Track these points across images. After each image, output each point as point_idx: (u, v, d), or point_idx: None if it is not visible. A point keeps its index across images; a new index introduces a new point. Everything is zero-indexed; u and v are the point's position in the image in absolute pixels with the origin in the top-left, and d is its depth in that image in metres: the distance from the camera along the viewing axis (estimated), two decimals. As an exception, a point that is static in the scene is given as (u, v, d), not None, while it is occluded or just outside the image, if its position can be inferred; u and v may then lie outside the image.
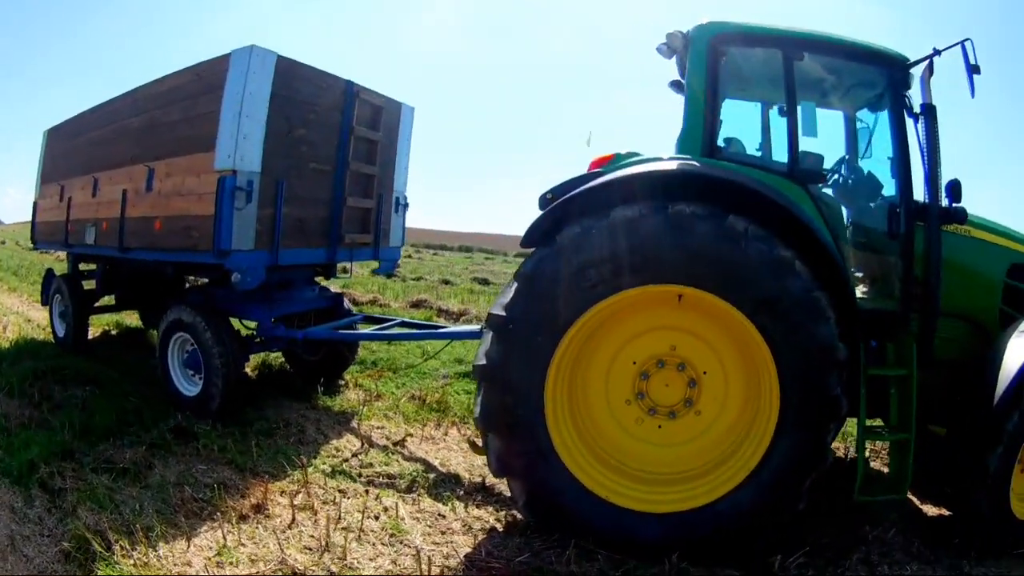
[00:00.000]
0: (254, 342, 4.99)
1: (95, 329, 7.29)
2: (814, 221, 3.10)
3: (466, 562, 3.03)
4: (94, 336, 7.21)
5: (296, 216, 4.67)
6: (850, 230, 3.79)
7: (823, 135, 3.93)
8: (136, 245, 5.01)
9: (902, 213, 3.32)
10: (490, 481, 3.95)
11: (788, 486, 2.99)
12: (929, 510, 3.67)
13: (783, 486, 2.99)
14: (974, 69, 3.03)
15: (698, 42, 3.41)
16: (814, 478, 2.99)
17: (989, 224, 3.54)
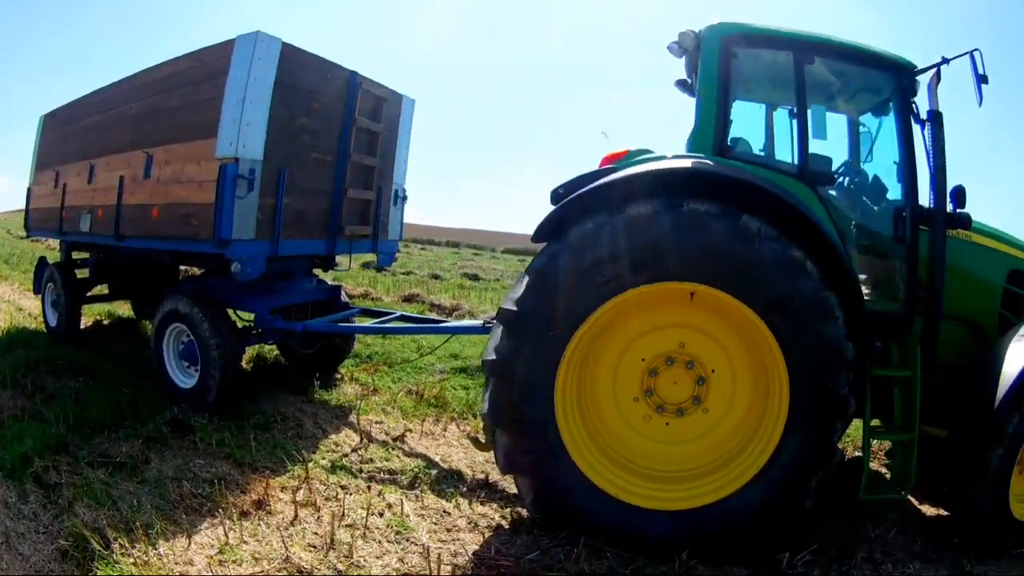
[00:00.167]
0: (251, 334, 4.89)
1: (87, 319, 7.13)
2: (824, 223, 3.12)
3: (475, 560, 3.00)
4: (86, 326, 7.06)
5: (297, 206, 4.58)
6: (854, 232, 3.83)
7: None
8: (132, 233, 4.89)
9: (908, 217, 3.36)
10: (493, 478, 3.93)
11: (796, 484, 3.00)
12: (928, 510, 3.72)
13: (791, 484, 3.01)
14: (982, 79, 3.08)
15: (710, 42, 3.40)
16: (821, 476, 3.01)
17: (990, 230, 3.60)
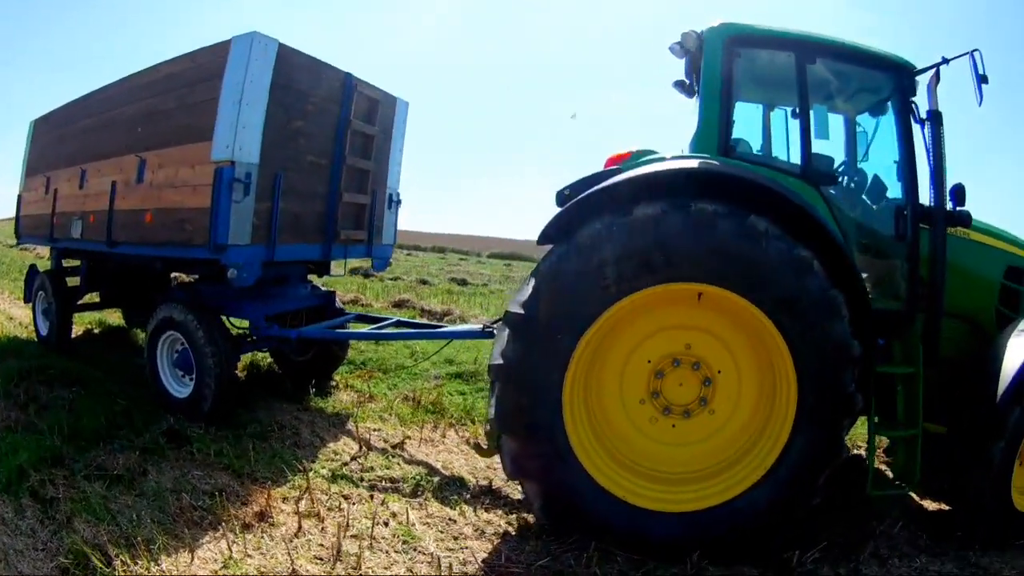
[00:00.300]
0: (246, 341, 4.79)
1: (77, 327, 6.97)
2: (829, 222, 3.14)
3: (485, 568, 2.96)
4: (77, 335, 6.91)
5: (293, 211, 4.50)
6: (855, 231, 3.86)
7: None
8: (125, 239, 4.76)
9: (908, 216, 3.40)
10: (496, 484, 3.89)
11: (804, 482, 3.01)
12: (929, 505, 3.76)
13: (800, 482, 3.02)
14: (982, 79, 3.14)
15: (713, 43, 3.42)
16: (829, 474, 3.02)
17: (987, 227, 3.66)
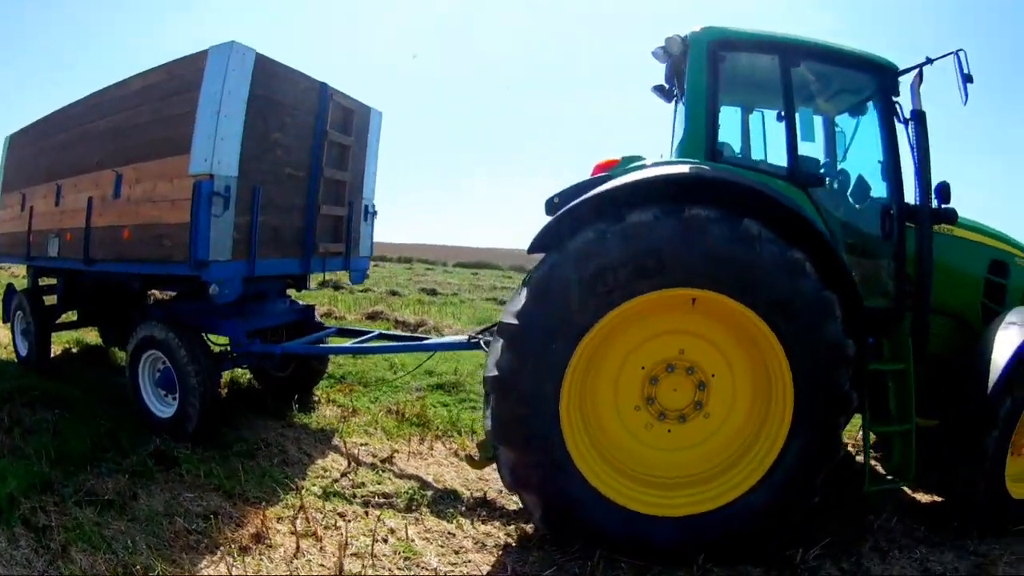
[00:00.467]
0: (228, 358, 4.66)
1: (56, 347, 6.75)
2: (819, 224, 3.17)
3: (491, 581, 2.91)
4: (56, 354, 6.70)
5: (272, 224, 4.39)
6: (841, 231, 3.91)
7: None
8: (102, 256, 4.59)
9: (895, 215, 3.46)
10: (491, 495, 3.85)
11: (803, 482, 3.03)
12: (922, 498, 3.82)
13: (798, 483, 3.04)
14: (967, 78, 3.20)
15: (698, 47, 3.43)
16: (826, 472, 3.04)
17: (970, 223, 3.73)
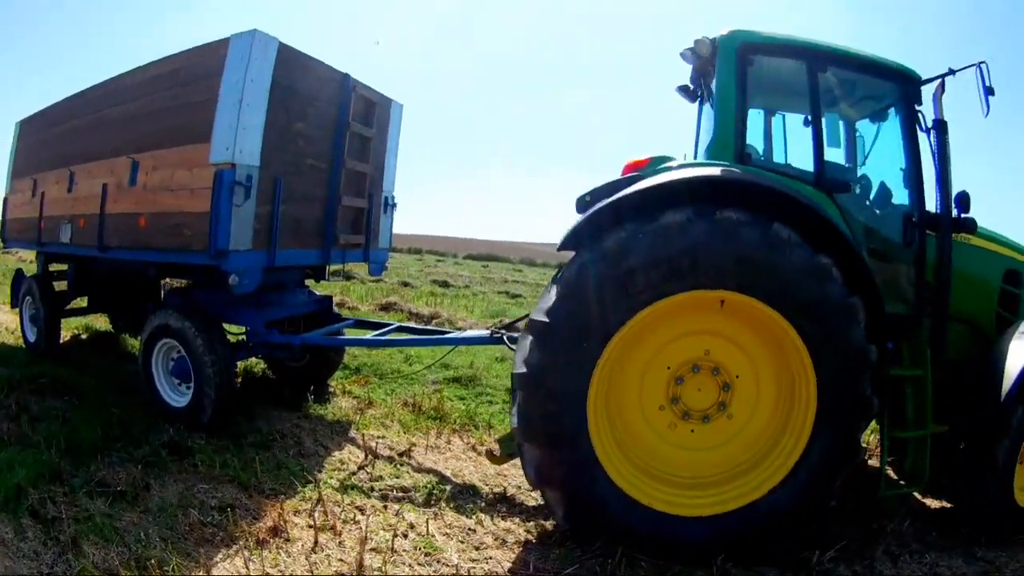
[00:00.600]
0: (245, 348, 4.62)
1: (64, 333, 6.65)
2: (846, 230, 3.20)
3: (512, 578, 2.92)
4: (64, 340, 6.61)
5: (293, 215, 4.35)
6: (863, 237, 3.94)
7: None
8: (117, 244, 4.53)
9: (916, 223, 3.50)
10: (510, 491, 3.85)
11: (823, 484, 3.07)
12: (932, 503, 3.88)
13: (819, 484, 3.07)
14: (989, 90, 3.24)
15: (727, 50, 3.44)
16: (845, 475, 3.08)
17: (986, 232, 3.77)
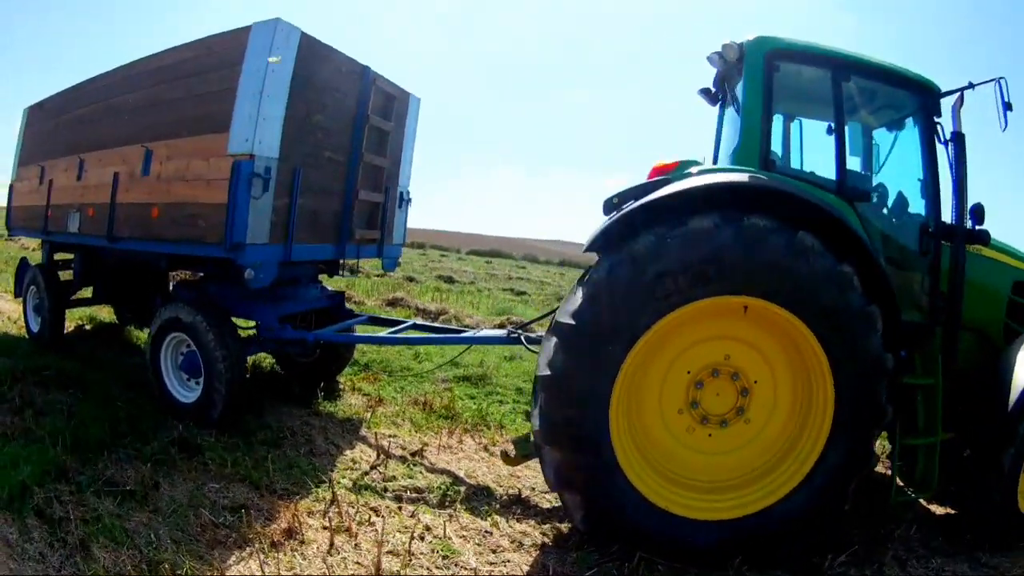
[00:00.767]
0: (257, 342, 4.56)
1: (67, 323, 6.53)
2: (867, 240, 3.22)
3: (532, 581, 2.91)
4: (67, 331, 6.49)
5: (310, 208, 4.29)
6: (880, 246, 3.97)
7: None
8: (128, 234, 4.44)
9: (932, 233, 3.53)
10: (525, 493, 3.85)
11: (837, 489, 3.11)
12: (937, 509, 3.94)
13: (833, 489, 3.11)
14: (1007, 106, 3.29)
15: (754, 56, 3.46)
16: (858, 480, 3.12)
17: (996, 243, 3.82)
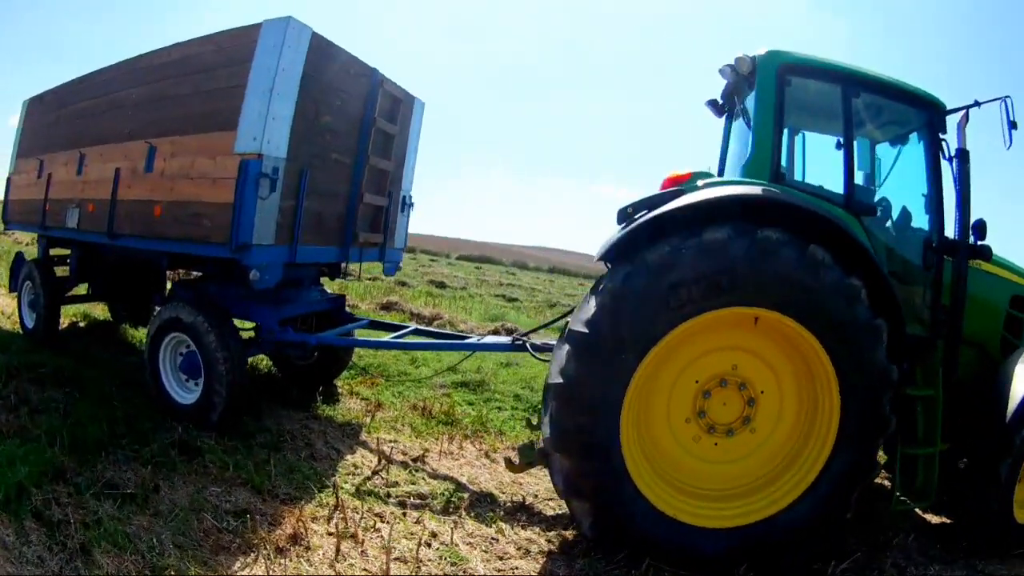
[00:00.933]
0: (257, 344, 4.49)
1: (62, 320, 6.36)
2: (874, 254, 3.28)
3: (540, 589, 2.90)
4: (62, 327, 6.33)
5: (316, 210, 4.24)
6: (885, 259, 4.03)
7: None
8: (129, 232, 4.35)
9: (936, 248, 3.61)
10: (528, 500, 3.84)
11: (841, 498, 3.16)
12: (932, 518, 4.00)
13: (837, 498, 3.16)
14: (1012, 124, 3.37)
15: (766, 70, 3.50)
16: (861, 489, 3.18)
17: (998, 259, 3.91)
